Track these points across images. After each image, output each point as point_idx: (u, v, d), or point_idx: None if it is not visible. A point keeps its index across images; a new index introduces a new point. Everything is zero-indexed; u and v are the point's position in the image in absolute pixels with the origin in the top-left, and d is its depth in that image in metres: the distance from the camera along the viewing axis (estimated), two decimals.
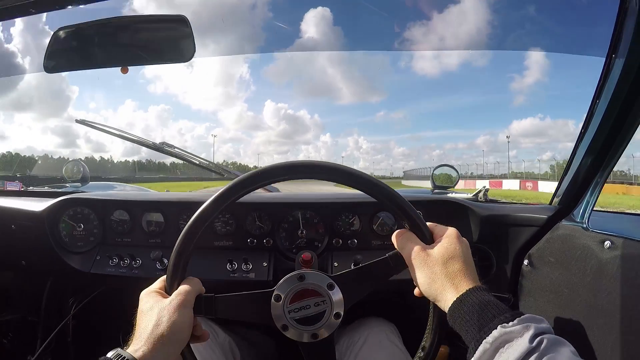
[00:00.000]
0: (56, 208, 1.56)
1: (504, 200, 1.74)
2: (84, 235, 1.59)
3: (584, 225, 1.22)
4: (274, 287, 0.87)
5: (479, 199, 1.72)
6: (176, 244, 0.84)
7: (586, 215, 1.25)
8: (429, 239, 0.83)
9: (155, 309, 0.78)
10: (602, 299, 1.08)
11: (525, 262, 1.41)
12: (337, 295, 0.87)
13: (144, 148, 1.87)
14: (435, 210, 1.57)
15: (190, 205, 0.85)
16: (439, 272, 0.76)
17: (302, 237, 1.57)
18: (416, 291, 0.84)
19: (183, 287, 0.82)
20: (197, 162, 1.92)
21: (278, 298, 0.86)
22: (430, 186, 2.19)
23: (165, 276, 0.86)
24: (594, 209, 1.26)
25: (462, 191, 2.06)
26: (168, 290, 0.84)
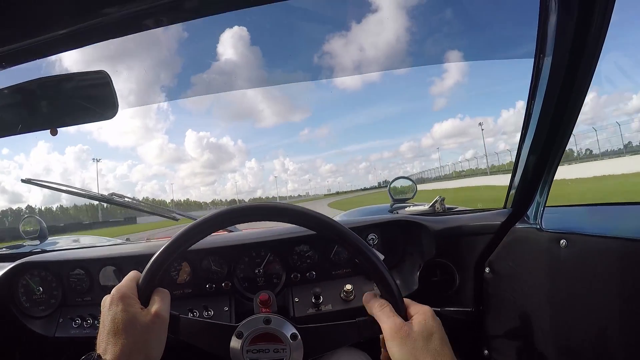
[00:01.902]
0: (11, 275, 1.49)
1: (460, 209, 1.73)
2: (44, 299, 1.52)
3: (538, 226, 1.22)
4: (238, 324, 0.88)
5: (436, 209, 1.70)
6: (157, 253, 0.83)
7: (539, 215, 1.25)
8: (404, 314, 0.82)
9: (136, 324, 0.75)
10: (564, 298, 1.09)
11: (487, 269, 1.41)
12: (298, 347, 0.86)
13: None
14: (391, 231, 1.55)
15: (146, 259, 0.83)
16: (420, 349, 0.74)
17: (260, 276, 1.52)
18: (381, 341, 0.83)
19: (160, 305, 0.80)
20: (147, 210, 1.90)
21: (240, 335, 0.86)
22: (390, 200, 2.18)
23: (135, 276, 0.85)
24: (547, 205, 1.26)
25: (418, 202, 2.04)
26: (143, 299, 0.81)
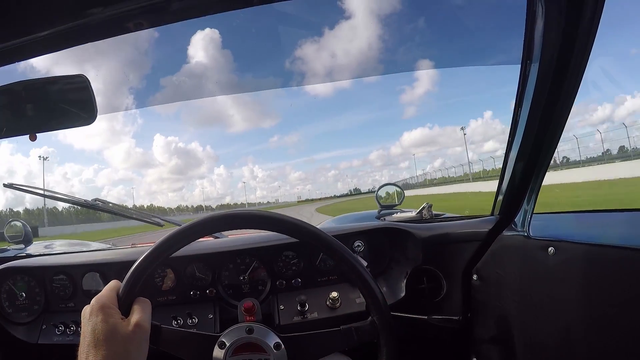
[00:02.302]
0: None
1: (447, 215, 1.73)
2: (27, 304, 1.51)
3: (525, 234, 1.22)
4: (221, 333, 0.88)
5: (423, 216, 1.69)
6: (137, 262, 0.82)
7: (526, 222, 1.25)
8: (384, 317, 0.82)
9: (117, 335, 0.74)
10: (552, 305, 1.08)
11: (474, 277, 1.40)
12: (282, 356, 0.86)
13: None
14: (377, 238, 1.55)
15: (129, 265, 0.82)
16: None
17: (245, 282, 1.51)
18: None
19: (141, 315, 0.79)
20: (132, 217, 1.87)
21: (222, 345, 0.86)
22: (378, 207, 2.17)
23: (115, 285, 0.83)
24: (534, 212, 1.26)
25: (406, 209, 2.04)
26: (123, 309, 0.80)
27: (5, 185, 1.79)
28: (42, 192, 1.75)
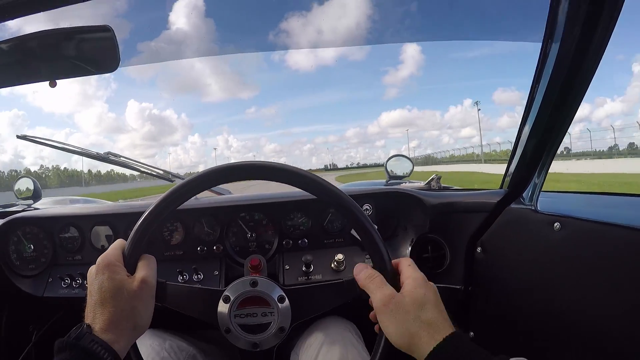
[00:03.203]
0: (3, 231, 1.50)
1: (456, 187, 1.74)
2: (34, 257, 1.53)
3: (533, 208, 1.23)
4: (225, 288, 0.88)
5: (432, 187, 1.70)
6: (141, 218, 0.82)
7: (534, 197, 1.26)
8: (396, 284, 0.79)
9: (123, 292, 0.75)
10: (555, 281, 1.09)
11: (478, 249, 1.42)
12: (285, 309, 0.87)
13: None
14: (385, 203, 1.56)
15: (137, 218, 0.83)
16: (412, 320, 0.72)
17: (252, 240, 1.53)
18: (372, 315, 0.81)
19: (147, 272, 0.80)
20: (144, 170, 1.86)
21: (227, 299, 0.87)
22: (386, 177, 2.19)
23: (120, 244, 0.83)
24: (542, 190, 1.27)
25: (414, 180, 2.05)
26: (129, 266, 0.80)
27: (18, 136, 1.80)
28: (55, 144, 1.72)
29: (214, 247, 1.49)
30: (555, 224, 1.08)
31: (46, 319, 1.58)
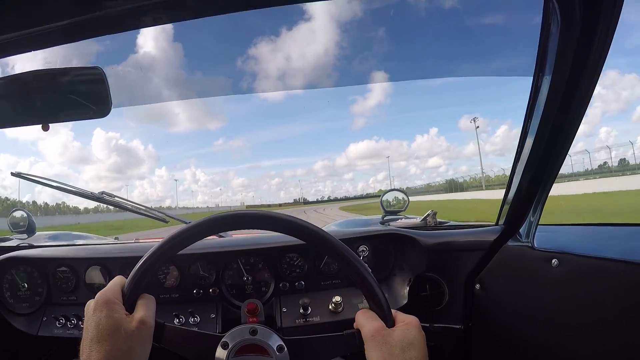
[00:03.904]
0: None
1: (452, 223, 1.73)
2: (28, 295, 1.52)
3: (530, 245, 1.22)
4: (224, 334, 0.87)
5: (427, 223, 1.69)
6: (143, 258, 0.81)
7: (531, 233, 1.25)
8: (390, 323, 0.81)
9: (121, 331, 0.73)
10: (554, 318, 1.09)
11: (477, 286, 1.40)
12: (284, 358, 0.85)
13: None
14: (382, 244, 1.55)
15: (133, 261, 0.83)
16: (396, 356, 0.73)
17: (249, 283, 1.51)
18: None
19: (146, 312, 0.79)
20: (138, 210, 1.86)
21: (225, 345, 0.85)
22: (382, 212, 2.17)
23: (120, 281, 0.82)
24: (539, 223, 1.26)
25: (410, 215, 2.04)
26: (128, 305, 0.79)
27: (13, 174, 1.80)
28: (49, 182, 1.73)
29: (210, 290, 1.47)
30: (553, 261, 1.08)
31: (41, 353, 1.56)
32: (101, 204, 1.91)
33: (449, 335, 1.45)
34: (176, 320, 1.38)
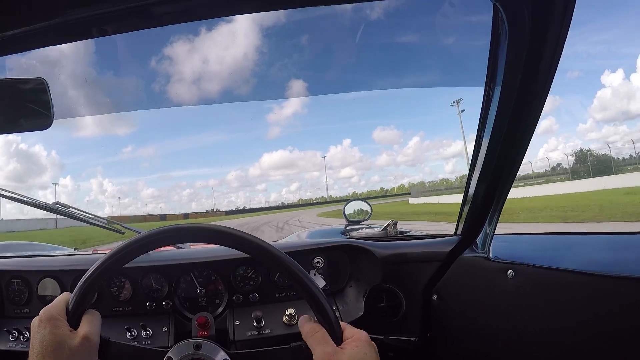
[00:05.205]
0: None
1: (411, 234, 1.73)
2: None
3: (486, 255, 1.22)
4: (169, 348, 0.87)
5: (388, 233, 1.68)
6: (87, 273, 0.79)
7: (487, 244, 1.26)
8: (339, 339, 0.79)
9: (64, 347, 0.72)
10: (511, 328, 1.10)
11: (434, 296, 1.40)
12: None
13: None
14: (337, 255, 1.54)
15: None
16: None
17: (202, 296, 1.47)
18: None
19: (90, 328, 0.77)
20: (94, 222, 1.80)
21: None
22: (345, 221, 2.16)
23: (65, 297, 0.80)
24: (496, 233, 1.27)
25: (373, 224, 2.03)
26: (72, 321, 0.77)
27: None
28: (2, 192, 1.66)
29: (163, 303, 1.44)
30: (509, 272, 1.09)
31: None
32: None
33: (404, 348, 1.44)
34: (128, 334, 1.34)
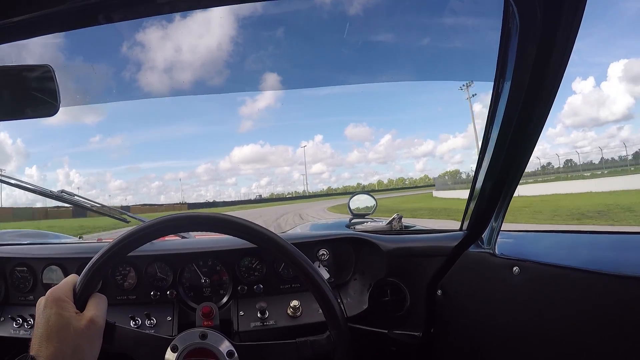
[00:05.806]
0: None
1: (416, 228, 1.73)
2: None
3: (492, 251, 1.22)
4: (174, 337, 0.89)
5: (393, 227, 1.69)
6: (95, 257, 0.82)
7: (493, 240, 1.25)
8: (343, 332, 0.82)
9: (70, 329, 0.74)
10: (515, 325, 1.09)
11: (439, 292, 1.40)
12: None
13: None
14: (342, 248, 1.54)
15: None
16: None
17: (206, 286, 1.48)
18: None
19: (96, 311, 0.79)
20: (100, 211, 1.85)
21: (175, 348, 0.87)
22: (350, 215, 2.15)
23: (72, 279, 0.83)
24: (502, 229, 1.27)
25: (378, 218, 2.03)
26: (78, 303, 0.79)
27: None
28: (9, 180, 1.67)
29: (168, 292, 1.45)
30: (515, 268, 1.08)
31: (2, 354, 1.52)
32: None
33: (407, 344, 1.44)
34: (132, 323, 1.36)
